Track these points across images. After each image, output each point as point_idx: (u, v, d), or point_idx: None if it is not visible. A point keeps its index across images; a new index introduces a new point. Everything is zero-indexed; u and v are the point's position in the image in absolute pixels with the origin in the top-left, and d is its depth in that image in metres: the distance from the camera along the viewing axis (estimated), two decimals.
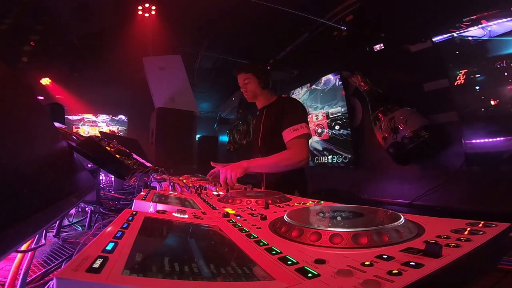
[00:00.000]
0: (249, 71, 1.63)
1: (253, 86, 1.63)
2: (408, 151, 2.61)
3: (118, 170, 0.99)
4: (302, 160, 1.40)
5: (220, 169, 1.29)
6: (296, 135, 1.43)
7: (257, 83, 1.62)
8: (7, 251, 0.29)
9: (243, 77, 1.64)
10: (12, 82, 0.50)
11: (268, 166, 1.41)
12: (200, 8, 3.47)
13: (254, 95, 1.66)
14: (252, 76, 1.62)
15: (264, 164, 1.40)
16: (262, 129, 1.65)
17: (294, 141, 1.44)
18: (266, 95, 1.67)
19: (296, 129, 1.43)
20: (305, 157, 1.42)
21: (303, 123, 1.45)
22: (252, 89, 1.64)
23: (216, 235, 0.46)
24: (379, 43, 3.07)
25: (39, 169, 0.47)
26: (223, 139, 7.12)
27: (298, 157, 1.40)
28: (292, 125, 1.44)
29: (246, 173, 1.29)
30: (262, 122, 1.66)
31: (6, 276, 0.56)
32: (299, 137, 1.43)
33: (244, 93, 1.68)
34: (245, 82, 1.64)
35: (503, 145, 2.07)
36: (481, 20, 2.14)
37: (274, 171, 1.47)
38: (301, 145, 1.43)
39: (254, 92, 1.64)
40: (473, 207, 2.26)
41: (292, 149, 1.43)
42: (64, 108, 2.41)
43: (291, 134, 1.44)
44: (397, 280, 0.25)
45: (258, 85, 1.62)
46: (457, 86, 2.32)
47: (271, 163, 1.39)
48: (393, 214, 0.45)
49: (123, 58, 4.46)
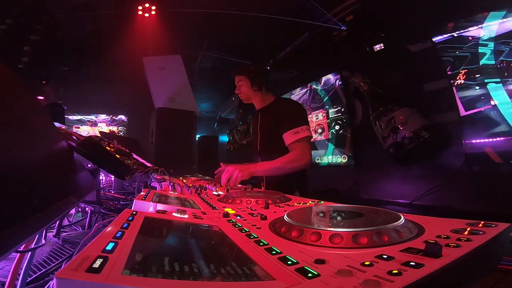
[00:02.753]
0: (242, 73, 1.65)
1: (246, 88, 1.65)
2: (408, 151, 2.61)
3: (118, 170, 0.99)
4: (306, 163, 1.42)
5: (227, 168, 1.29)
6: (298, 138, 1.44)
7: (249, 85, 1.63)
8: (7, 251, 0.29)
9: (237, 79, 1.67)
10: (12, 82, 0.50)
11: (273, 170, 1.42)
12: (200, 8, 3.47)
13: (247, 97, 1.67)
14: (244, 78, 1.64)
15: (269, 168, 1.41)
16: (259, 133, 1.67)
17: (296, 144, 1.44)
18: (259, 97, 1.67)
19: (297, 132, 1.44)
20: (308, 160, 1.44)
21: (303, 125, 1.46)
22: (245, 91, 1.65)
23: (216, 235, 0.46)
24: (379, 43, 3.07)
25: (39, 169, 0.47)
26: (223, 139, 7.12)
27: (301, 160, 1.42)
28: (293, 128, 1.45)
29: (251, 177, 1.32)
30: (259, 126, 1.67)
31: (6, 276, 0.56)
32: (301, 140, 1.44)
33: (239, 95, 1.70)
34: (239, 84, 1.67)
35: (503, 145, 2.07)
36: (481, 20, 2.14)
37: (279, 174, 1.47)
38: (304, 148, 1.44)
39: (247, 94, 1.66)
40: (473, 207, 2.26)
41: (295, 152, 1.44)
42: (64, 108, 2.41)
43: (293, 137, 1.45)
44: (397, 280, 0.25)
45: (250, 87, 1.63)
46: (457, 86, 2.32)
47: (276, 167, 1.40)
48: (393, 214, 0.45)
49: (123, 58, 4.45)
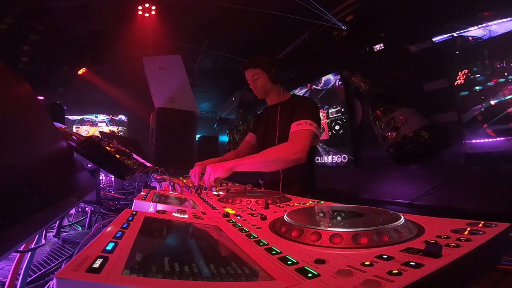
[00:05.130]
0: (257, 66, 1.50)
1: (263, 81, 1.50)
2: (408, 151, 2.62)
3: (118, 170, 0.99)
4: (297, 153, 1.22)
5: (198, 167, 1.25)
6: (297, 129, 1.31)
7: (266, 78, 1.49)
8: (7, 251, 0.29)
9: (251, 73, 1.52)
10: (12, 82, 0.50)
11: (258, 163, 1.23)
12: (200, 8, 3.47)
13: (264, 91, 1.53)
14: (260, 71, 1.50)
15: (253, 161, 1.22)
16: (278, 128, 1.48)
17: (292, 134, 1.31)
18: (277, 91, 1.53)
19: (299, 123, 1.31)
20: (300, 149, 1.23)
21: (308, 119, 1.31)
22: (262, 85, 1.51)
23: (216, 235, 0.46)
24: (379, 43, 3.07)
25: (39, 169, 0.47)
26: (223, 139, 7.13)
27: (292, 149, 1.23)
28: (297, 120, 1.33)
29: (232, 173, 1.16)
30: (279, 121, 1.49)
31: (6, 276, 0.56)
32: (299, 132, 1.30)
33: (254, 90, 1.55)
34: (254, 78, 1.51)
35: (503, 145, 2.07)
36: (481, 20, 2.14)
37: (266, 169, 1.31)
38: (299, 138, 1.27)
39: (264, 88, 1.52)
40: (473, 207, 2.26)
41: (287, 143, 1.29)
42: (64, 108, 2.42)
43: (292, 129, 1.32)
44: (397, 280, 0.25)
45: (268, 80, 1.49)
46: (457, 86, 2.32)
47: (262, 160, 1.22)
48: (393, 214, 0.45)
49: (123, 58, 4.46)
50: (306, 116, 1.33)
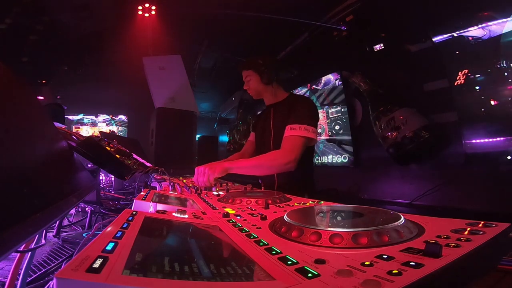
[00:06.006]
0: (249, 67, 1.50)
1: (255, 83, 1.50)
2: (408, 151, 2.61)
3: (118, 170, 0.99)
4: (288, 162, 1.23)
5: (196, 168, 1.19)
6: (290, 134, 1.29)
7: (258, 79, 1.49)
8: (7, 251, 0.29)
9: (245, 74, 1.53)
10: (12, 82, 0.50)
11: (251, 168, 1.27)
12: (200, 8, 3.47)
13: (257, 92, 1.53)
14: (252, 73, 1.50)
15: (247, 165, 1.26)
16: (273, 131, 1.49)
17: (286, 140, 1.30)
18: (271, 92, 1.52)
19: (293, 128, 1.30)
20: (292, 159, 1.23)
21: (303, 124, 1.29)
22: (254, 86, 1.51)
23: (216, 235, 0.46)
24: (379, 43, 3.07)
25: (39, 169, 0.47)
26: (223, 139, 7.13)
27: (284, 158, 1.24)
28: (292, 123, 1.31)
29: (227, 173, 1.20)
30: (272, 123, 1.50)
31: (6, 276, 0.56)
32: (293, 137, 1.29)
33: (248, 91, 1.56)
34: (247, 80, 1.53)
35: (503, 145, 2.07)
36: (481, 20, 2.14)
37: (258, 173, 1.33)
38: (292, 146, 1.27)
39: (256, 89, 1.52)
40: (473, 207, 2.26)
41: (280, 150, 1.29)
42: (64, 108, 2.41)
43: (286, 133, 1.31)
44: (397, 280, 0.25)
45: (260, 81, 1.49)
46: (457, 86, 2.32)
47: (254, 165, 1.26)
48: (393, 214, 0.45)
49: (123, 58, 4.45)
50: (301, 120, 1.31)
